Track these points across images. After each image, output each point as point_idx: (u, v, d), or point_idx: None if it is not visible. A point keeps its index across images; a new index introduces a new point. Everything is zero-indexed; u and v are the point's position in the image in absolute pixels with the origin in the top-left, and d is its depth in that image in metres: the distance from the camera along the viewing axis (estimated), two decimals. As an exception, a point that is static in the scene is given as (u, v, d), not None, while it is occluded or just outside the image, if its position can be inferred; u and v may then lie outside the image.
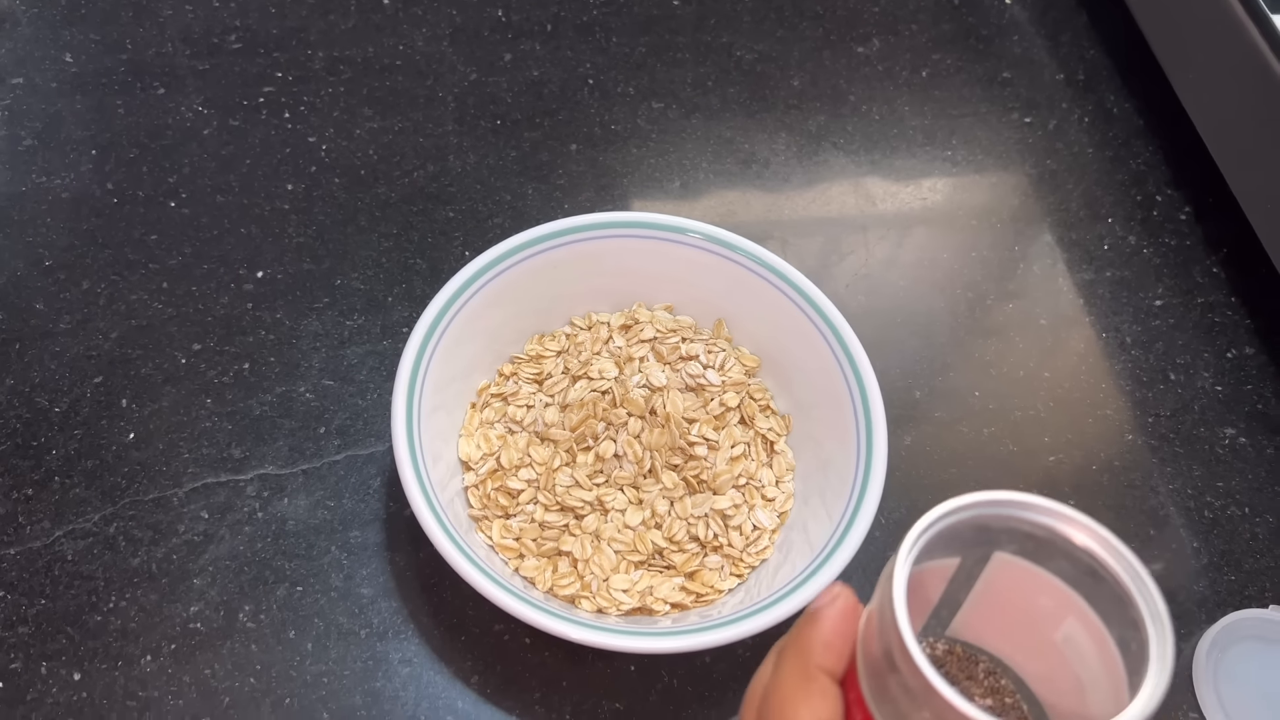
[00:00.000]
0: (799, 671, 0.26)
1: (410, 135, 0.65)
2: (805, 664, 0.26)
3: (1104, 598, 0.27)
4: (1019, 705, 0.30)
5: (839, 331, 0.50)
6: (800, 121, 0.69)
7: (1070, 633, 0.28)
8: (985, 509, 0.27)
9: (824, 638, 0.27)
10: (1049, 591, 0.28)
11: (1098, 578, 0.27)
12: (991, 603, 0.29)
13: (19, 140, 0.63)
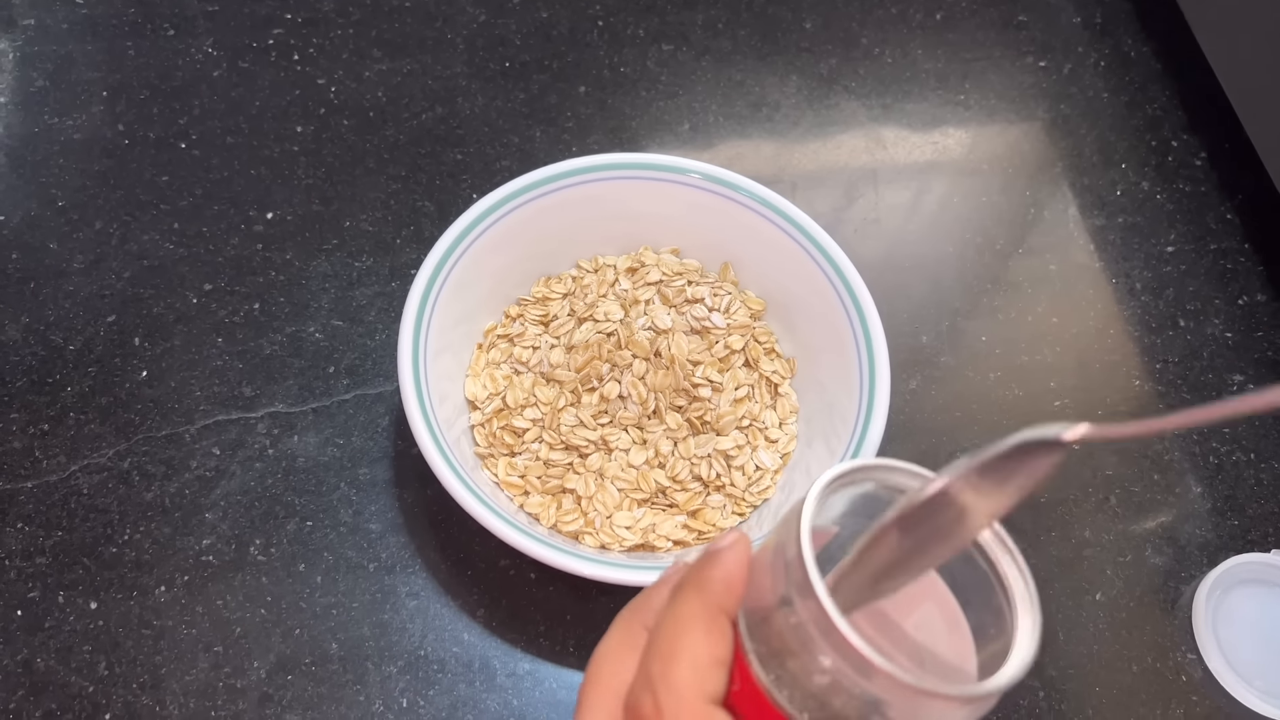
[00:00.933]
0: (700, 610, 0.25)
1: (419, 77, 0.65)
2: (706, 602, 0.25)
3: (971, 581, 0.27)
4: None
5: (845, 275, 0.50)
6: (812, 65, 0.69)
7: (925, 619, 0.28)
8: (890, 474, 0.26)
9: (726, 577, 0.26)
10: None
11: (972, 562, 0.27)
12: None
13: (31, 82, 0.63)
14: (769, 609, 0.25)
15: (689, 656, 0.25)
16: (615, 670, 0.27)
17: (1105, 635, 0.51)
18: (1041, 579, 0.51)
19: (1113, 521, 0.54)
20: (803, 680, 0.24)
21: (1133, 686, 0.49)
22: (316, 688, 0.46)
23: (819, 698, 0.24)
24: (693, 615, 0.25)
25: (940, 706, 0.23)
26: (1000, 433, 0.25)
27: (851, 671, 0.23)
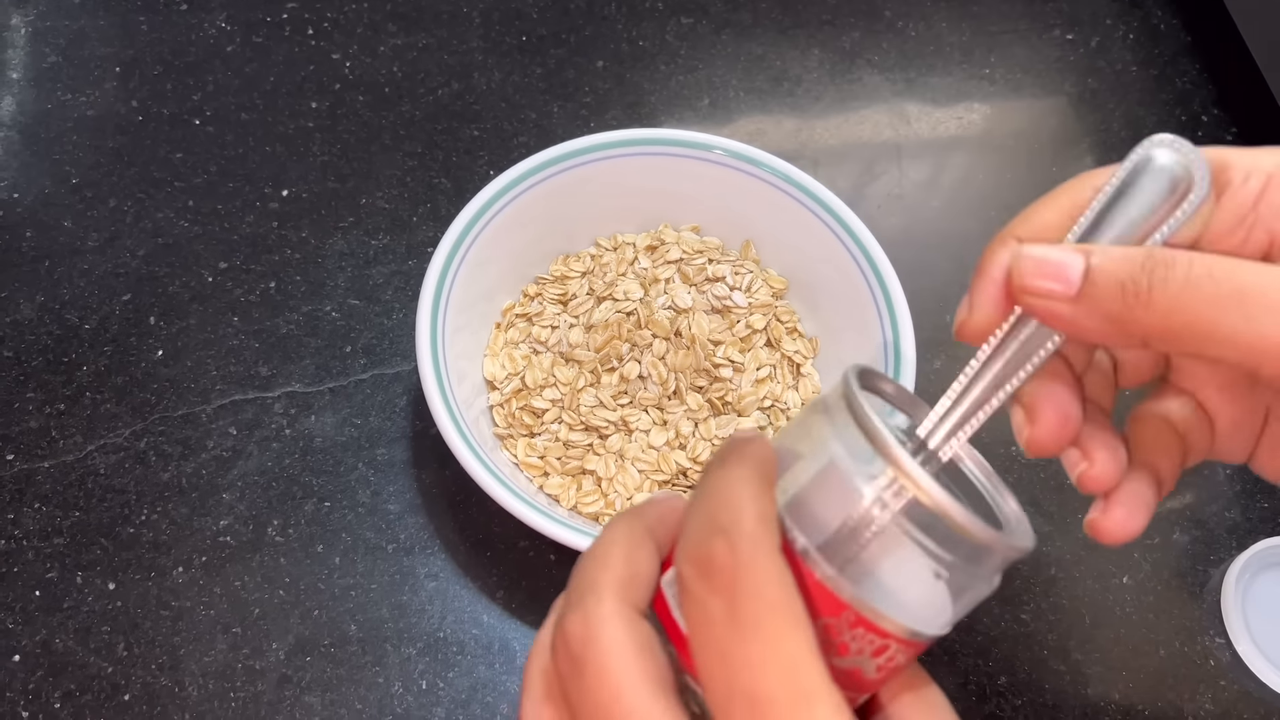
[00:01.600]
0: (749, 474, 0.24)
1: (435, 52, 0.64)
2: (753, 467, 0.24)
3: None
4: None
5: (870, 253, 0.49)
6: (834, 38, 0.67)
7: None
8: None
9: (764, 449, 0.25)
10: None
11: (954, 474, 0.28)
12: None
13: (44, 57, 0.62)
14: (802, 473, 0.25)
15: (755, 508, 0.23)
16: (629, 558, 0.25)
17: (1132, 619, 0.50)
18: (1067, 562, 0.51)
19: (1140, 504, 0.53)
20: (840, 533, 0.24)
21: (1160, 670, 0.49)
22: (335, 669, 0.46)
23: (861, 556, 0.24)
24: (745, 478, 0.24)
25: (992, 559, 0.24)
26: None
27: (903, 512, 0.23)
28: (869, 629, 0.24)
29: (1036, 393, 0.27)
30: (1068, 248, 0.25)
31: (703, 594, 0.22)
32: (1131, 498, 0.29)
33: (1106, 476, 0.28)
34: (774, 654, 0.21)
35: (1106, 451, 0.28)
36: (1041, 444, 0.28)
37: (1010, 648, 0.48)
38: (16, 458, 0.50)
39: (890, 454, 0.23)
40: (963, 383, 0.27)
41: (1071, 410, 0.27)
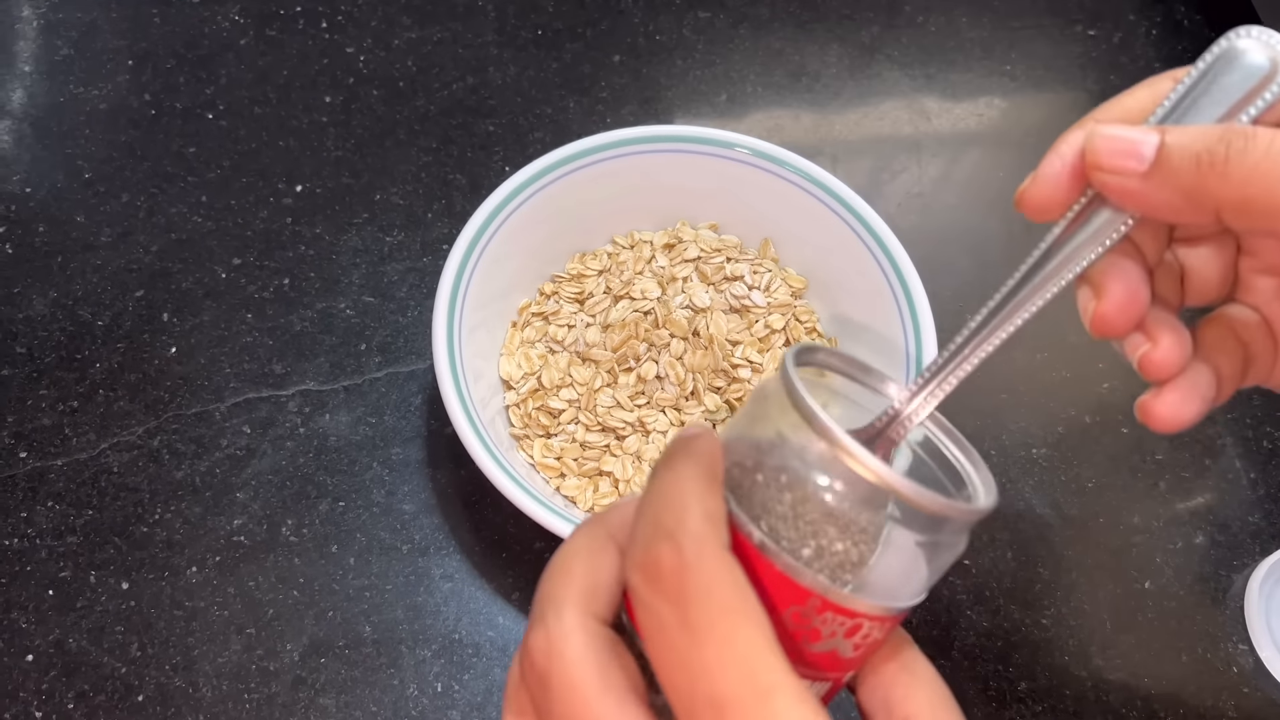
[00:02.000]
0: (695, 472, 0.24)
1: (449, 46, 0.64)
2: (699, 465, 0.24)
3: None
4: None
5: (890, 252, 0.48)
6: (853, 33, 0.67)
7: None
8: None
9: (710, 445, 0.25)
10: None
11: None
12: None
13: (56, 50, 0.62)
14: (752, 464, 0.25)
15: (700, 508, 0.23)
16: (590, 567, 0.24)
17: (1154, 624, 0.49)
18: (1089, 567, 0.50)
19: (1163, 508, 0.52)
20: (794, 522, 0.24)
21: (1182, 677, 0.48)
22: (350, 671, 0.46)
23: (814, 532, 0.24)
24: (690, 476, 0.24)
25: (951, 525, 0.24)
26: (1047, 415, 0.24)
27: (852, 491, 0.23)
28: (838, 612, 0.24)
29: (1105, 270, 0.27)
30: (1143, 127, 0.25)
31: (653, 601, 0.22)
32: (1188, 385, 0.28)
33: (1169, 360, 0.28)
34: (730, 655, 0.21)
35: (1172, 335, 0.28)
36: (1107, 319, 0.28)
37: (1031, 653, 0.48)
38: (30, 455, 0.50)
39: (828, 433, 0.23)
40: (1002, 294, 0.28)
41: (1140, 289, 0.27)
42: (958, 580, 0.49)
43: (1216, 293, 0.30)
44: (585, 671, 0.23)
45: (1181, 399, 0.28)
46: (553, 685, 0.23)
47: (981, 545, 0.50)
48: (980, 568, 0.50)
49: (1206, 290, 0.30)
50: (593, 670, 0.23)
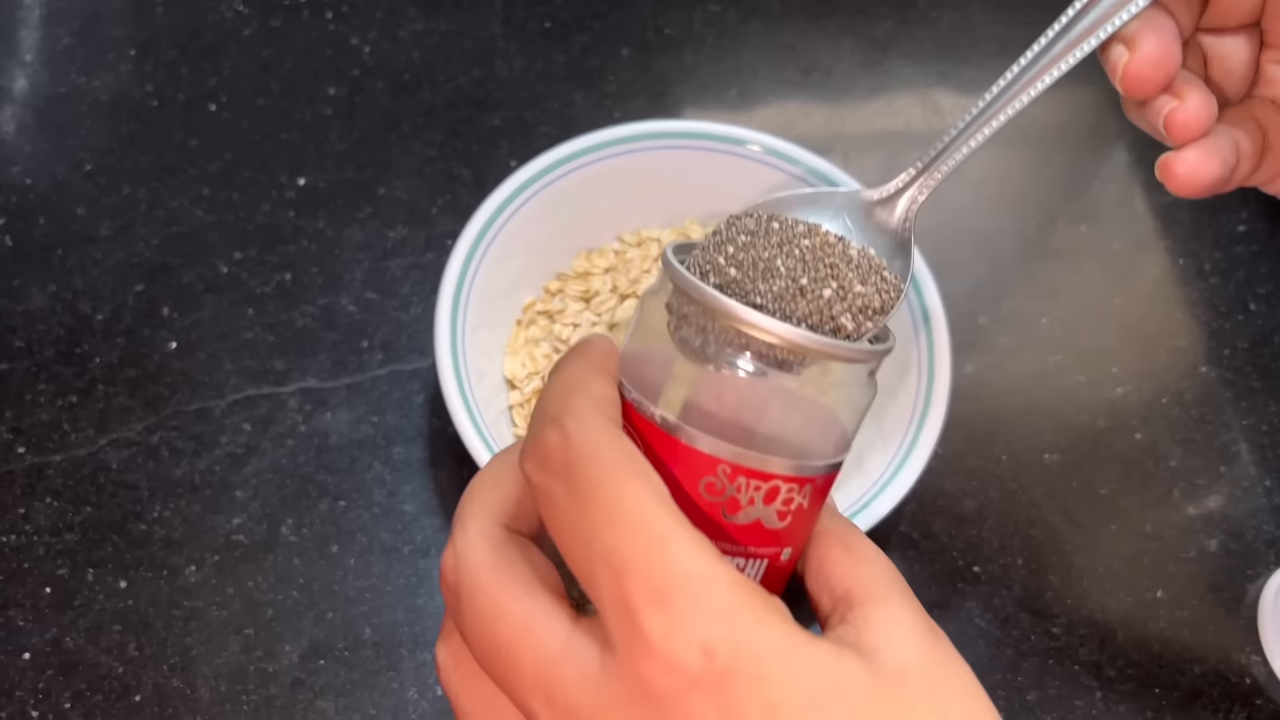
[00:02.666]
0: (585, 365, 0.25)
1: (455, 38, 0.63)
2: (590, 360, 0.26)
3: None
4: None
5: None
6: (866, 28, 0.66)
7: None
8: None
9: (603, 345, 0.27)
10: None
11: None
12: None
13: (57, 39, 0.61)
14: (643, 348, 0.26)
15: (587, 392, 0.24)
16: (496, 484, 0.25)
17: (1166, 634, 0.48)
18: (1100, 575, 0.49)
19: (1176, 516, 0.51)
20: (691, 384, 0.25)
21: (1194, 688, 0.47)
22: (350, 674, 0.45)
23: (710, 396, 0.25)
24: (575, 368, 0.25)
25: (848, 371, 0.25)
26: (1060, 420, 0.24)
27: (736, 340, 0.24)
28: (750, 475, 0.24)
29: (1139, 26, 0.28)
30: None
31: (543, 481, 0.23)
32: (1210, 145, 0.29)
33: (1197, 119, 0.28)
34: (617, 510, 0.21)
35: (1200, 95, 0.28)
36: (1141, 74, 0.28)
37: (1040, 663, 0.47)
38: (28, 451, 0.49)
39: (699, 291, 0.24)
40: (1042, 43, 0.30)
41: (1173, 46, 0.28)
42: (967, 588, 0.49)
43: (1238, 85, 0.31)
44: (488, 571, 0.23)
45: (1202, 157, 0.29)
46: (462, 593, 0.23)
47: (991, 552, 0.49)
48: (990, 575, 0.49)
49: (1229, 81, 0.31)
50: (494, 567, 0.23)
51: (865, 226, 0.32)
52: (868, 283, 0.29)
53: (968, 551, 0.49)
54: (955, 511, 0.50)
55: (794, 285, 0.29)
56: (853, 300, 0.29)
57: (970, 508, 0.51)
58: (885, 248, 0.31)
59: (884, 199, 0.32)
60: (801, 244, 0.30)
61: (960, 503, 0.51)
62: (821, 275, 0.29)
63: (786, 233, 0.30)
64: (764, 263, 0.29)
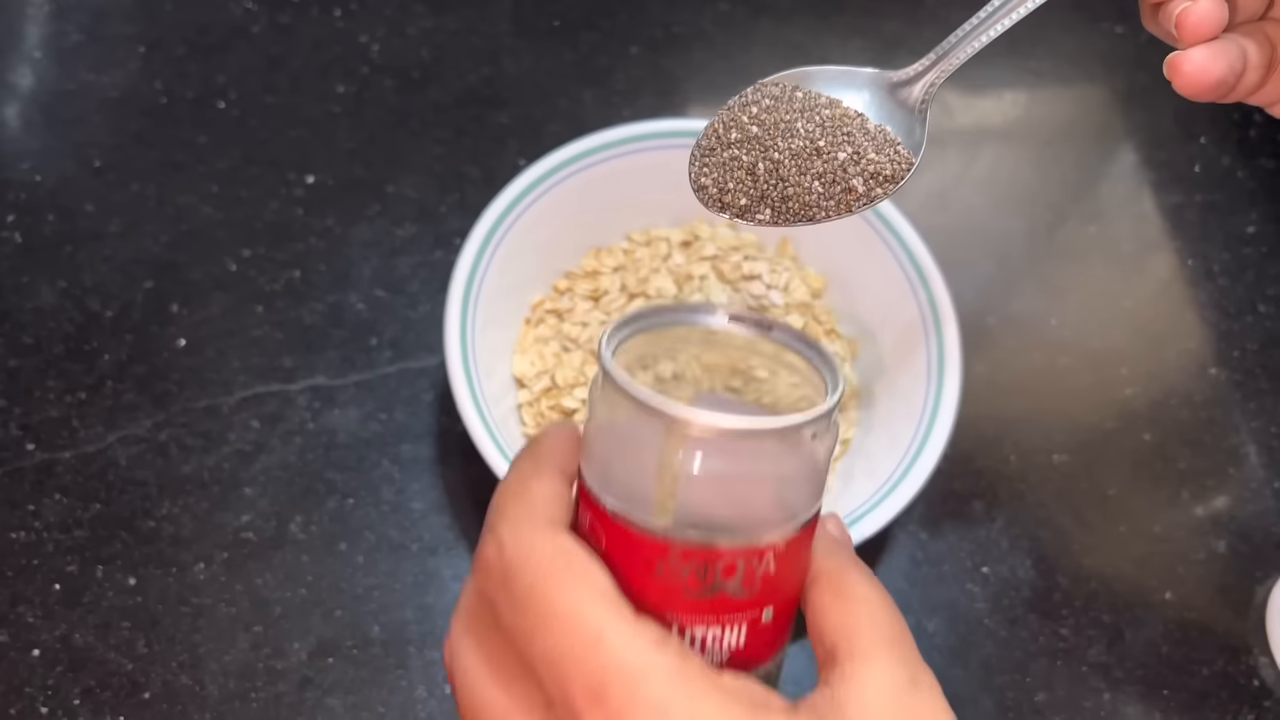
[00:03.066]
0: (531, 466, 0.26)
1: (464, 36, 0.63)
2: (537, 459, 0.26)
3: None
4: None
5: (912, 252, 0.47)
6: (875, 26, 0.65)
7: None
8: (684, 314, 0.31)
9: (555, 438, 0.27)
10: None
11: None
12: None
13: (66, 36, 0.61)
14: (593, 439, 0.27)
15: (524, 496, 0.25)
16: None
17: (1175, 635, 0.48)
18: (1109, 576, 0.49)
19: (1185, 517, 0.51)
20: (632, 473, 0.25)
21: (1202, 689, 0.47)
22: (358, 671, 0.45)
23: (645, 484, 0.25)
24: (523, 470, 0.26)
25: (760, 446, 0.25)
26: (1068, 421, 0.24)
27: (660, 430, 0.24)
28: (702, 555, 0.24)
29: None
30: None
31: (490, 592, 0.23)
32: (1218, 47, 0.30)
33: (1205, 20, 0.29)
34: (551, 612, 0.22)
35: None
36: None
37: (1048, 664, 0.47)
38: (37, 447, 0.49)
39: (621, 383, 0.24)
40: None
41: None
42: (975, 588, 0.49)
43: (1255, 8, 0.32)
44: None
45: (1209, 56, 0.30)
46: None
47: (1000, 553, 0.49)
48: (998, 576, 0.49)
49: (1248, 3, 0.32)
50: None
51: (885, 104, 0.33)
52: (881, 152, 0.32)
53: (976, 552, 0.49)
54: (964, 512, 0.50)
55: (811, 145, 0.32)
56: (866, 165, 0.32)
57: (979, 508, 0.51)
58: (901, 124, 0.33)
59: (904, 81, 0.34)
60: (823, 113, 0.33)
61: (969, 503, 0.51)
62: (838, 140, 0.32)
63: (809, 101, 0.33)
64: (785, 124, 0.32)
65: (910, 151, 0.33)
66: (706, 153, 0.34)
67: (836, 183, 0.32)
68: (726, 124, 0.34)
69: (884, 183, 0.32)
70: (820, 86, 0.34)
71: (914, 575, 0.49)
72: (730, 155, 0.34)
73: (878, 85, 0.34)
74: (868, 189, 0.32)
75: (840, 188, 0.32)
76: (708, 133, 0.34)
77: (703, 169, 0.34)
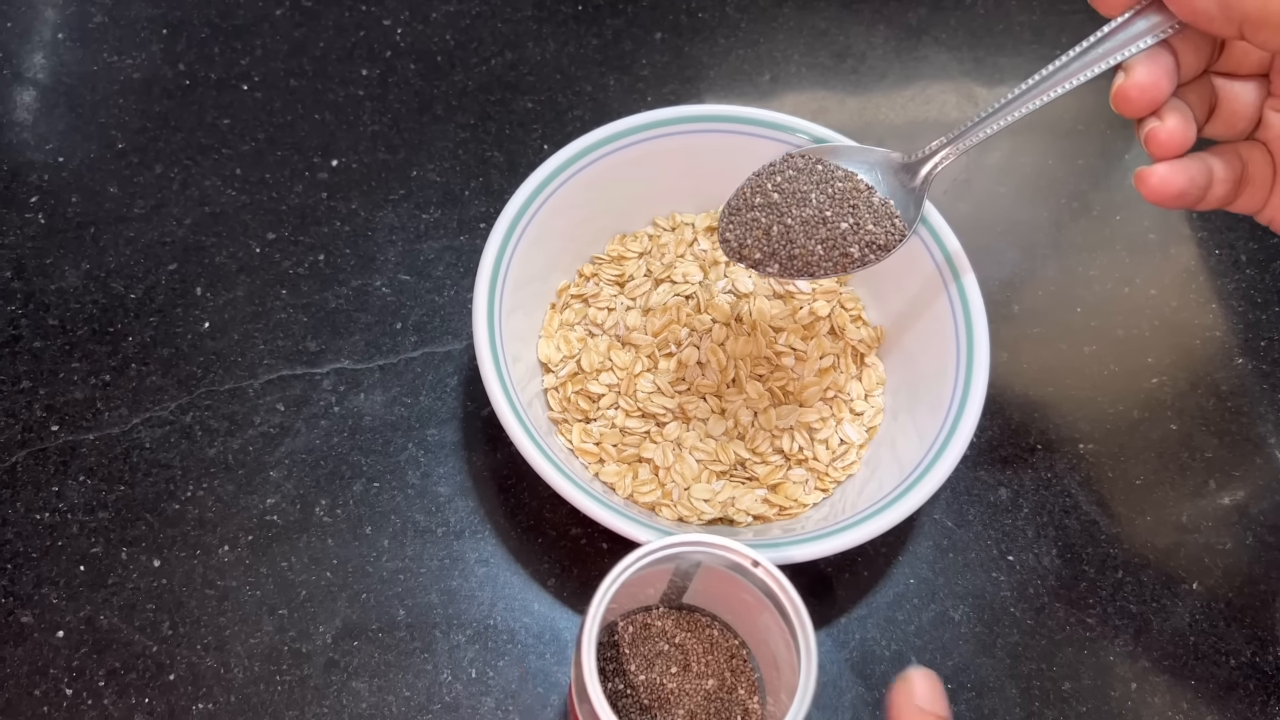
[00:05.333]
0: None
1: (488, 20, 0.62)
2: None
3: (782, 617, 0.33)
4: (746, 662, 0.38)
5: (941, 239, 0.47)
6: (900, 14, 0.65)
7: (767, 621, 0.34)
8: (671, 552, 0.32)
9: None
10: (749, 591, 0.34)
11: (777, 601, 0.32)
12: (713, 587, 0.36)
13: (89, 17, 0.61)
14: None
15: None
16: None
17: (1202, 626, 0.48)
18: (1136, 566, 0.49)
19: (1211, 507, 0.51)
20: None
21: (1230, 681, 0.47)
22: (383, 655, 0.45)
23: None
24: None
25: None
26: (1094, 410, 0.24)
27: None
28: None
29: (1139, 58, 0.33)
30: None
31: None
32: (1181, 163, 0.33)
33: (1170, 138, 0.33)
34: None
35: (1180, 119, 0.33)
36: (1128, 95, 0.33)
37: (1075, 653, 0.47)
38: (61, 429, 0.49)
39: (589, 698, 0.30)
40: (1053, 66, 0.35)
41: (1163, 80, 0.32)
42: (1002, 577, 0.48)
43: (1244, 125, 0.35)
44: None
45: (1171, 171, 0.33)
46: None
47: (1026, 542, 0.49)
48: (1024, 564, 0.49)
49: (1234, 122, 0.35)
50: None
51: (891, 181, 0.39)
52: (879, 224, 0.38)
53: (1002, 540, 0.49)
54: (990, 500, 0.50)
55: (819, 214, 0.39)
56: (863, 235, 0.39)
57: (1005, 496, 0.50)
58: (903, 200, 0.39)
59: (911, 162, 0.39)
60: (836, 185, 0.39)
61: (995, 491, 0.50)
62: (843, 211, 0.38)
63: (826, 174, 0.39)
64: (801, 194, 0.39)
65: (905, 225, 0.39)
66: (734, 211, 0.40)
67: (836, 248, 0.39)
68: (753, 189, 0.40)
69: (877, 251, 0.39)
70: (841, 160, 0.39)
71: (940, 563, 0.49)
72: (752, 217, 0.40)
73: (889, 163, 0.40)
74: (862, 255, 0.39)
75: (839, 252, 0.39)
76: (738, 194, 0.40)
77: (728, 225, 0.40)
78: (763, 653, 0.36)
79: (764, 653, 0.36)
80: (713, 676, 0.37)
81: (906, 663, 0.46)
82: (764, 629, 0.35)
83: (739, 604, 0.36)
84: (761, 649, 0.36)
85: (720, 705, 0.36)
